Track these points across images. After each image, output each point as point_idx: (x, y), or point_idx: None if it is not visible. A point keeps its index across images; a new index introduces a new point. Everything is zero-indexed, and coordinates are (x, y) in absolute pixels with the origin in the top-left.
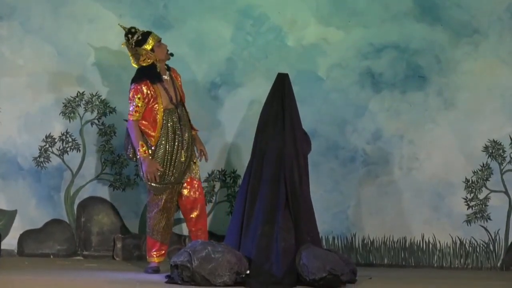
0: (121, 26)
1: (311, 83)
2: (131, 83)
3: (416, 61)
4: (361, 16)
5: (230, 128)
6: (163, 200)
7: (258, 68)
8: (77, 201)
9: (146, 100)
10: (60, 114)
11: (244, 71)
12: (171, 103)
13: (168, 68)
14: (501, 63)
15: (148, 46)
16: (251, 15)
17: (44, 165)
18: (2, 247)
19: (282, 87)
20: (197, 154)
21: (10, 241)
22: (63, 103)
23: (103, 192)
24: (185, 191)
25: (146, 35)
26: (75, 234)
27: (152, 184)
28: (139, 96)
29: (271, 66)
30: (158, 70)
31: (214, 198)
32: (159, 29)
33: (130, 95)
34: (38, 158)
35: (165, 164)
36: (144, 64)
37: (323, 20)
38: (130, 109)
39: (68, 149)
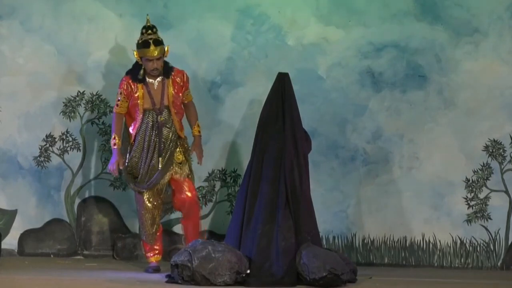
0: (147, 18)
1: (311, 82)
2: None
3: (416, 60)
4: (361, 15)
5: (230, 127)
6: (144, 200)
7: (258, 67)
8: (77, 201)
9: (127, 95)
10: (60, 113)
11: (244, 70)
12: (153, 106)
13: (168, 71)
14: (501, 63)
15: (138, 54)
16: (251, 14)
17: (45, 164)
18: (2, 247)
19: (282, 86)
20: (191, 154)
21: (11, 241)
22: (63, 102)
23: (104, 191)
24: (173, 192)
25: (144, 44)
26: (76, 234)
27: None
28: (121, 91)
29: (271, 65)
30: (141, 72)
31: (214, 197)
32: (159, 29)
33: (118, 87)
34: (38, 158)
35: (139, 163)
36: (139, 61)
37: (323, 19)
38: (116, 101)
39: (69, 148)
